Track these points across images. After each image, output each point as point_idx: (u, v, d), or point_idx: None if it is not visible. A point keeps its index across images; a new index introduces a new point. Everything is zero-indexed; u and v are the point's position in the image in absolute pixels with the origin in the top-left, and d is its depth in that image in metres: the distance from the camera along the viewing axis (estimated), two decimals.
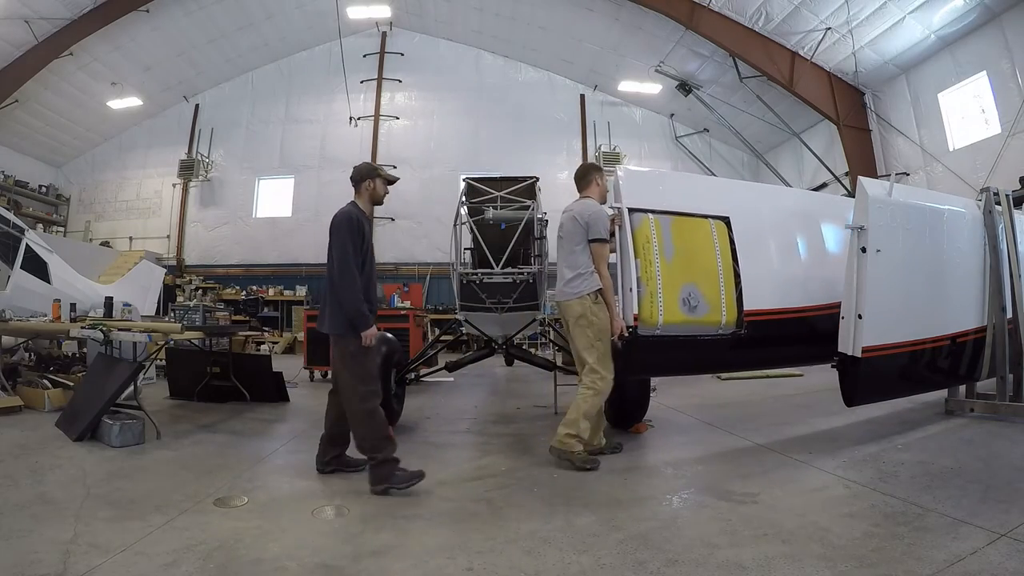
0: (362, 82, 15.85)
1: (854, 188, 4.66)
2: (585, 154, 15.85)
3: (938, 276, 4.64)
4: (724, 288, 4.21)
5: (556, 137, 16.04)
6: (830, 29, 11.17)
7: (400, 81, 16.16)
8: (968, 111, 10.61)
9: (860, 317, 4.07)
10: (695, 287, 4.13)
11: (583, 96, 16.23)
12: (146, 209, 16.16)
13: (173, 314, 6.31)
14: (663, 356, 4.26)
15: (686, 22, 12.15)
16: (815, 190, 12.96)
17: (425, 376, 7.86)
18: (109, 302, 6.21)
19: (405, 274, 14.73)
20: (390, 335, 5.46)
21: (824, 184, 13.41)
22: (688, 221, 4.30)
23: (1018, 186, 8.58)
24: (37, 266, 6.94)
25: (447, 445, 4.74)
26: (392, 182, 3.96)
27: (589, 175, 4.34)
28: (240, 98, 16.36)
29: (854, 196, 4.46)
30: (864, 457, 3.91)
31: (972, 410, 4.99)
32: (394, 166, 14.00)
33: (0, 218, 6.73)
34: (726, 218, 4.39)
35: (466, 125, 15.98)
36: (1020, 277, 4.96)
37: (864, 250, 4.09)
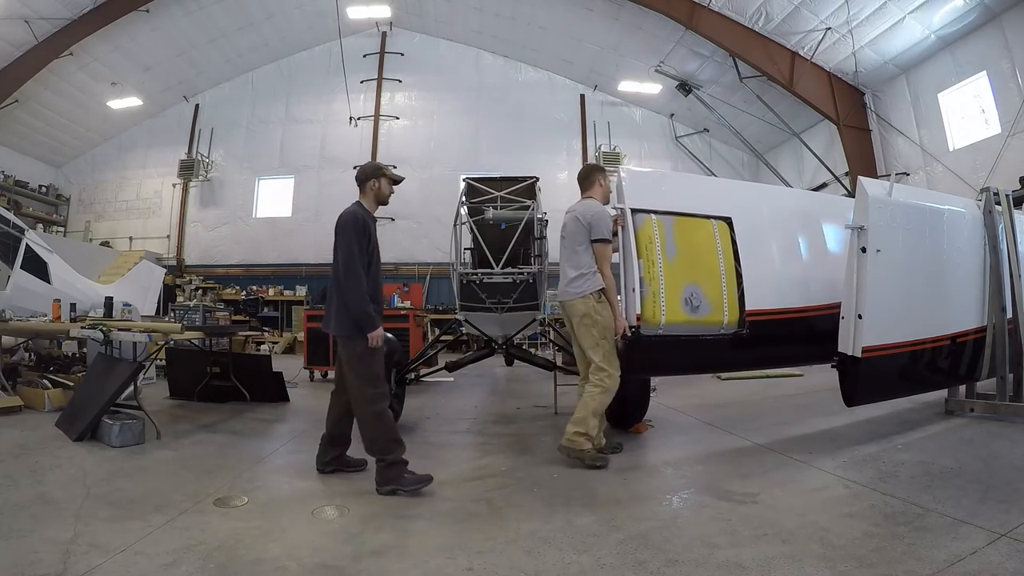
0: (362, 82, 15.85)
1: (854, 188, 4.66)
2: (585, 154, 15.84)
3: (938, 276, 4.64)
4: (726, 288, 4.21)
5: (556, 137, 16.03)
6: (830, 29, 11.17)
7: (400, 81, 16.15)
8: (968, 111, 10.60)
9: (860, 317, 4.06)
10: (697, 287, 4.14)
11: (583, 96, 16.23)
12: (146, 209, 16.17)
13: (173, 314, 6.31)
14: (666, 356, 4.27)
15: (686, 22, 12.15)
16: (815, 190, 12.95)
17: (425, 376, 7.86)
18: (109, 302, 6.21)
19: (405, 274, 14.71)
20: (390, 335, 5.44)
21: (824, 184, 13.40)
22: (690, 221, 4.30)
23: (1018, 186, 8.57)
24: (37, 266, 6.94)
25: (447, 445, 4.74)
26: (398, 182, 3.94)
27: (592, 176, 4.36)
28: (240, 98, 16.36)
29: (854, 196, 4.46)
30: (864, 457, 3.91)
31: (972, 410, 4.98)
32: (394, 166, 13.78)
33: (0, 218, 6.74)
34: (728, 218, 4.40)
35: (466, 125, 15.97)
36: (1020, 277, 4.96)
37: (864, 250, 4.09)
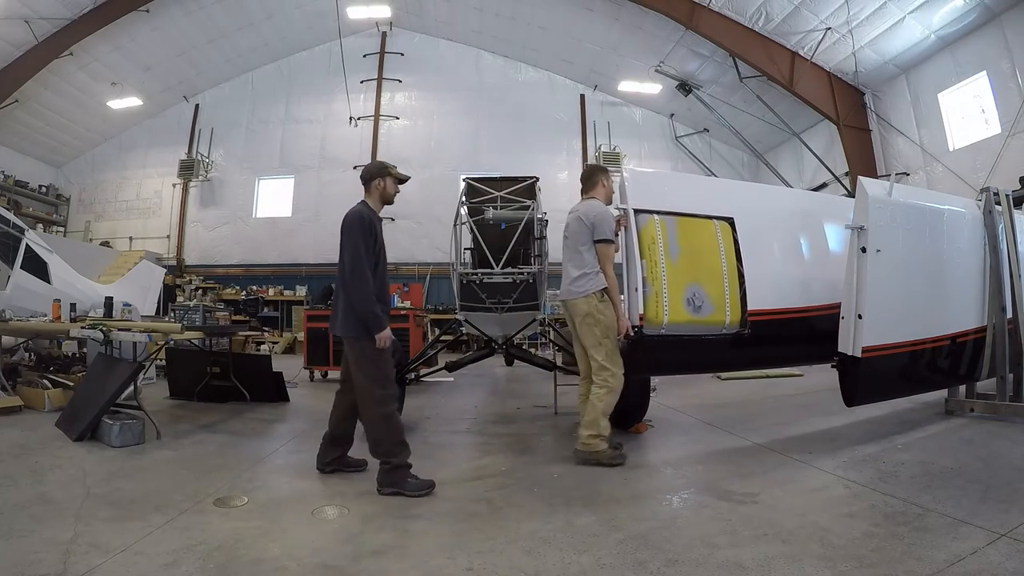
0: (362, 82, 15.85)
1: (854, 188, 4.66)
2: (585, 154, 15.84)
3: (938, 276, 4.64)
4: (728, 288, 4.22)
5: (556, 137, 16.03)
6: (830, 29, 11.17)
7: (400, 81, 16.15)
8: (968, 111, 10.60)
9: (860, 317, 4.06)
10: (699, 287, 4.15)
11: (583, 96, 16.22)
12: (146, 209, 16.17)
13: (173, 314, 6.30)
14: (668, 355, 4.28)
15: (686, 22, 12.14)
16: (815, 190, 12.96)
17: (425, 376, 7.85)
18: (109, 302, 6.21)
19: (405, 274, 14.71)
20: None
21: (824, 184, 13.40)
22: (693, 222, 4.31)
23: (1018, 186, 8.57)
24: (37, 266, 6.94)
25: (447, 445, 4.74)
26: (403, 181, 3.91)
27: (595, 176, 4.38)
28: (240, 98, 16.36)
29: (854, 196, 4.46)
30: (864, 457, 3.91)
31: (972, 410, 4.98)
32: (394, 166, 13.96)
33: (0, 218, 6.74)
34: (730, 219, 4.40)
35: (466, 125, 15.97)
36: (1020, 277, 4.95)
37: (864, 250, 4.09)
